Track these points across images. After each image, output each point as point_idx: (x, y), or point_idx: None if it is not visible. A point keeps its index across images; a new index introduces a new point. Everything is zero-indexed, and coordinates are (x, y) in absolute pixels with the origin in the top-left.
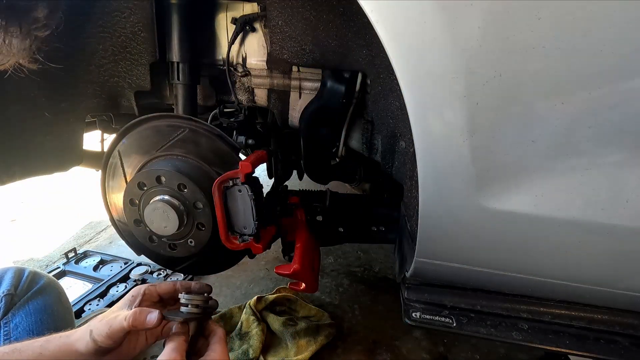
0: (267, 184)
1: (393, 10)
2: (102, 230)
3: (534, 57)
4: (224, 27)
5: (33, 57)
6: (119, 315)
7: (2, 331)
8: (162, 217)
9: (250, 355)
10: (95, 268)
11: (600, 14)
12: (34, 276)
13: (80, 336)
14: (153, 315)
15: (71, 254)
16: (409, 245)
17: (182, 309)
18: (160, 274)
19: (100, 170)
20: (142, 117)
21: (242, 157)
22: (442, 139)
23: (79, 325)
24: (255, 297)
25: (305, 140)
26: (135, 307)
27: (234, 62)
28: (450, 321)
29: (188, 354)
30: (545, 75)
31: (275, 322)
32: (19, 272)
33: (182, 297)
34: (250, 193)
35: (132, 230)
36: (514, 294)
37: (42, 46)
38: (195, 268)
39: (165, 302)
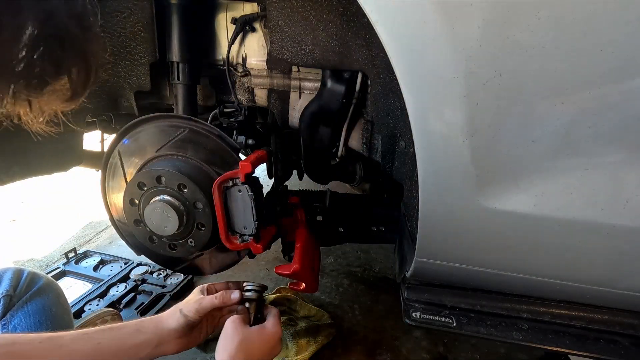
0: (267, 184)
1: (393, 10)
2: (102, 230)
3: (534, 57)
4: (224, 27)
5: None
6: (204, 297)
7: (1, 332)
8: (162, 217)
9: None
10: (95, 268)
11: (600, 14)
12: (33, 277)
13: (170, 315)
14: (235, 294)
15: (71, 254)
16: (409, 245)
17: (247, 294)
18: (160, 274)
19: (100, 170)
20: (142, 117)
21: (242, 157)
22: (442, 139)
23: (78, 326)
24: None
25: (305, 140)
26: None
27: (234, 62)
28: (450, 321)
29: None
30: (545, 75)
31: None
32: (18, 273)
33: (247, 285)
34: (250, 193)
35: (132, 230)
36: (514, 294)
37: None
38: (195, 268)
39: None
